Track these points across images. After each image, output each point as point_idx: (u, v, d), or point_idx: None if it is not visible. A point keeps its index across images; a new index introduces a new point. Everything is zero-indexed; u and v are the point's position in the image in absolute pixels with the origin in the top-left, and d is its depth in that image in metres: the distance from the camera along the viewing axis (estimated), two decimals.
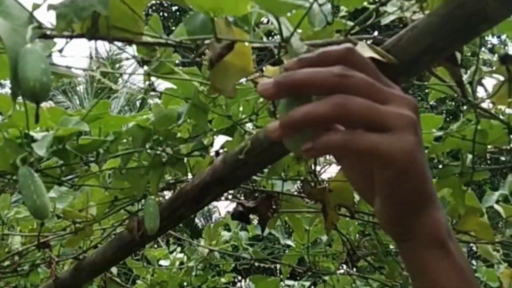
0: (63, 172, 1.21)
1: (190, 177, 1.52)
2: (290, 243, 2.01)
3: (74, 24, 0.76)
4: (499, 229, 1.72)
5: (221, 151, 1.42)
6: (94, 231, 1.71)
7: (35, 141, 1.03)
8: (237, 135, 1.35)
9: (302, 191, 1.58)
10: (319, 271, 2.03)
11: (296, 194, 1.60)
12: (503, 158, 1.30)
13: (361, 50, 0.87)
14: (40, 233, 1.51)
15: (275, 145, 1.21)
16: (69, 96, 11.85)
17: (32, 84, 0.77)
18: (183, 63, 1.22)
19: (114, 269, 2.23)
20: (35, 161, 1.10)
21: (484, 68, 1.06)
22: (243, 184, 1.58)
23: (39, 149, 0.98)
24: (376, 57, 0.85)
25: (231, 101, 1.22)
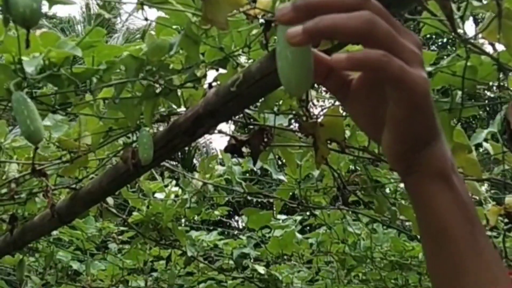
0: (57, 100, 1.23)
1: (183, 109, 1.54)
2: (282, 177, 2.05)
3: None
4: (488, 167, 1.76)
5: (214, 84, 1.44)
6: (89, 161, 1.74)
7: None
8: (230, 67, 1.35)
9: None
10: (310, 205, 2.08)
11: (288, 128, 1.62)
12: (492, 95, 1.31)
13: None
14: (34, 158, 1.53)
15: (267, 78, 1.22)
16: (67, 34, 11.73)
17: (22, 10, 0.78)
18: None
19: (110, 200, 2.28)
20: (30, 87, 1.11)
21: (475, 2, 1.06)
22: (236, 117, 1.60)
23: (29, 67, 0.99)
24: None
25: (224, 32, 1.23)
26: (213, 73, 1.45)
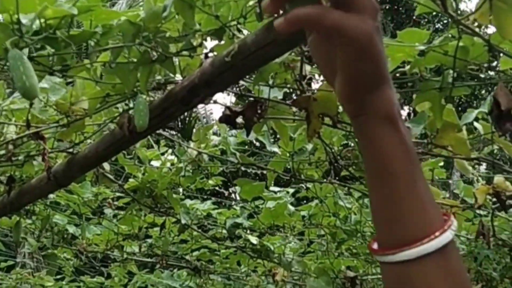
0: (55, 62, 1.24)
1: (180, 78, 1.56)
2: (276, 150, 2.07)
3: None
4: (478, 146, 1.78)
5: (211, 55, 1.45)
6: (86, 126, 1.77)
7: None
8: (226, 38, 1.37)
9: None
10: (302, 178, 2.11)
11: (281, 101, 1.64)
12: (482, 75, 1.33)
13: None
14: (28, 117, 1.55)
15: (262, 50, 1.23)
16: None
17: None
18: None
19: (106, 166, 2.31)
20: (27, 47, 1.13)
21: None
22: (231, 88, 1.62)
23: (26, 23, 1.01)
24: None
25: (220, 1, 1.24)
26: (210, 44, 1.47)
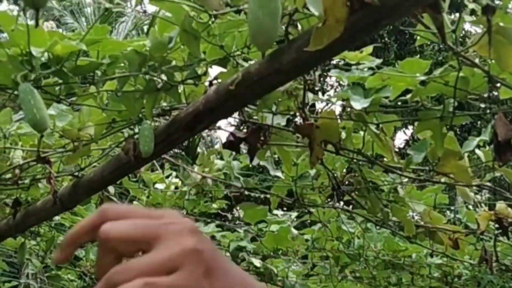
0: (62, 90, 1.27)
1: (185, 104, 1.58)
2: (279, 174, 2.09)
3: None
4: (478, 173, 1.80)
5: (215, 82, 1.48)
6: (92, 150, 1.79)
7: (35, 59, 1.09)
8: (230, 66, 1.40)
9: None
10: (305, 203, 2.12)
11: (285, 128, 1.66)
12: (483, 105, 1.35)
13: None
14: (39, 146, 1.58)
15: (266, 79, 1.26)
16: (76, 17, 11.77)
17: None
18: None
19: (111, 189, 2.33)
20: (35, 79, 1.16)
21: (467, 17, 1.10)
22: (235, 115, 1.65)
23: (36, 52, 1.04)
24: None
25: (224, 32, 1.27)
26: (214, 71, 1.50)
